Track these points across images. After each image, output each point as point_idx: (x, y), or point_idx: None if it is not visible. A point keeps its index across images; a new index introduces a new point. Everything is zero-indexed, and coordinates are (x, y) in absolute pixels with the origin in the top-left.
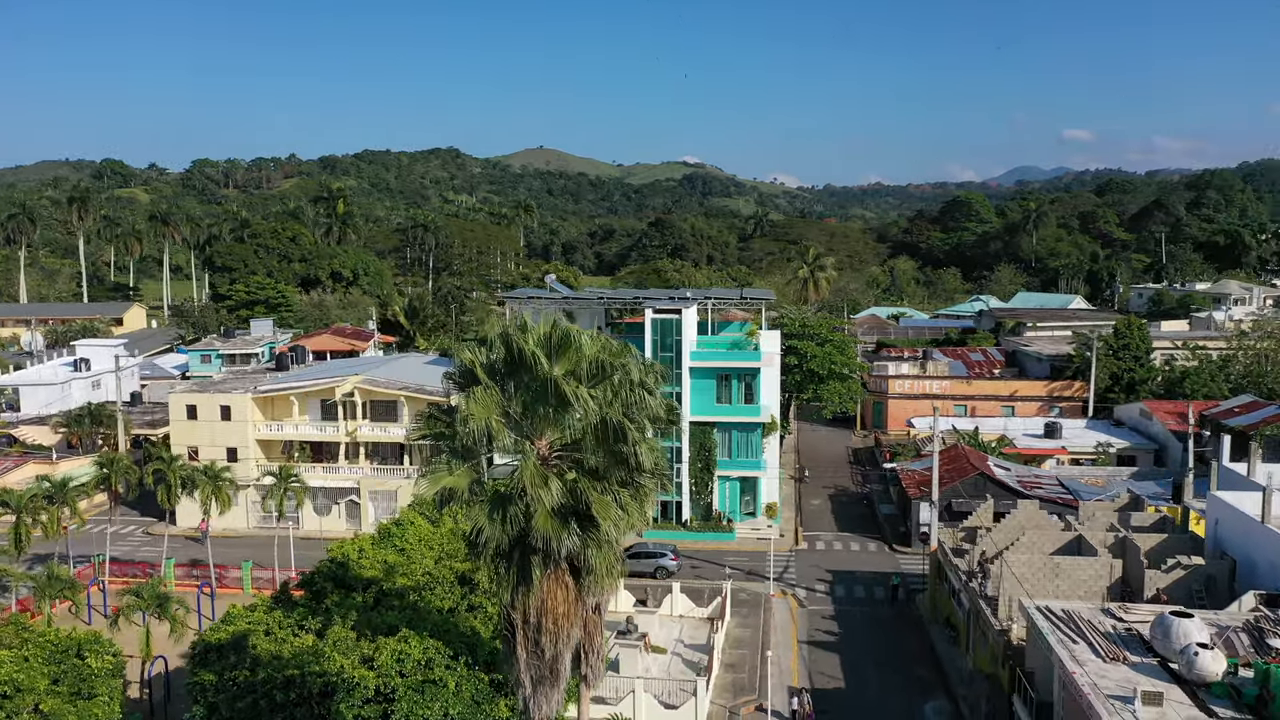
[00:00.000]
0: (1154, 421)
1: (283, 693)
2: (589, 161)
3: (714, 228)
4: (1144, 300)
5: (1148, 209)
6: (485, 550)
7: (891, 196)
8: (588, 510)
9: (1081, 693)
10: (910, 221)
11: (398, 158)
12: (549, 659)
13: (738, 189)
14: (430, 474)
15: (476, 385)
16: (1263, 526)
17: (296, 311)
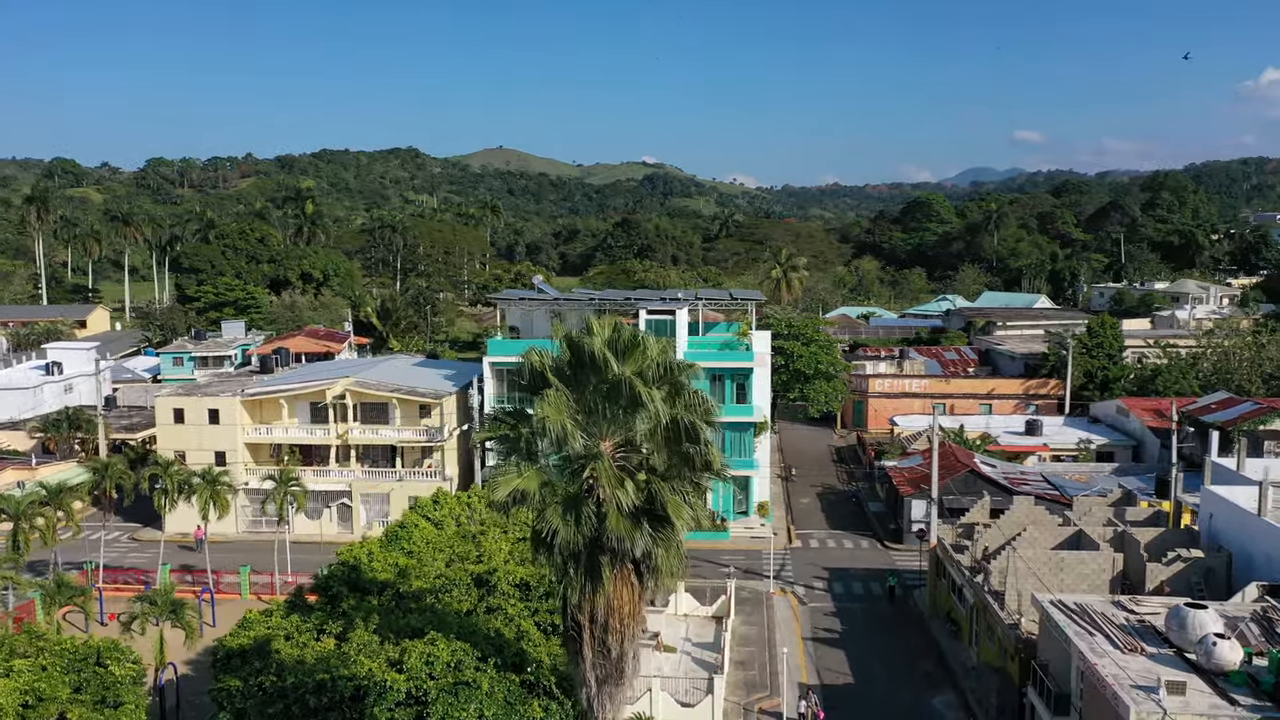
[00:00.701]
0: (1131, 418)
1: (315, 697)
2: (549, 161)
3: (678, 228)
4: (1105, 299)
5: (1104, 209)
6: (557, 552)
7: (849, 197)
8: (659, 510)
9: (1106, 683)
10: (872, 222)
11: (356, 157)
12: (615, 658)
13: (698, 189)
14: (500, 477)
15: (547, 388)
16: (1259, 520)
17: (268, 313)
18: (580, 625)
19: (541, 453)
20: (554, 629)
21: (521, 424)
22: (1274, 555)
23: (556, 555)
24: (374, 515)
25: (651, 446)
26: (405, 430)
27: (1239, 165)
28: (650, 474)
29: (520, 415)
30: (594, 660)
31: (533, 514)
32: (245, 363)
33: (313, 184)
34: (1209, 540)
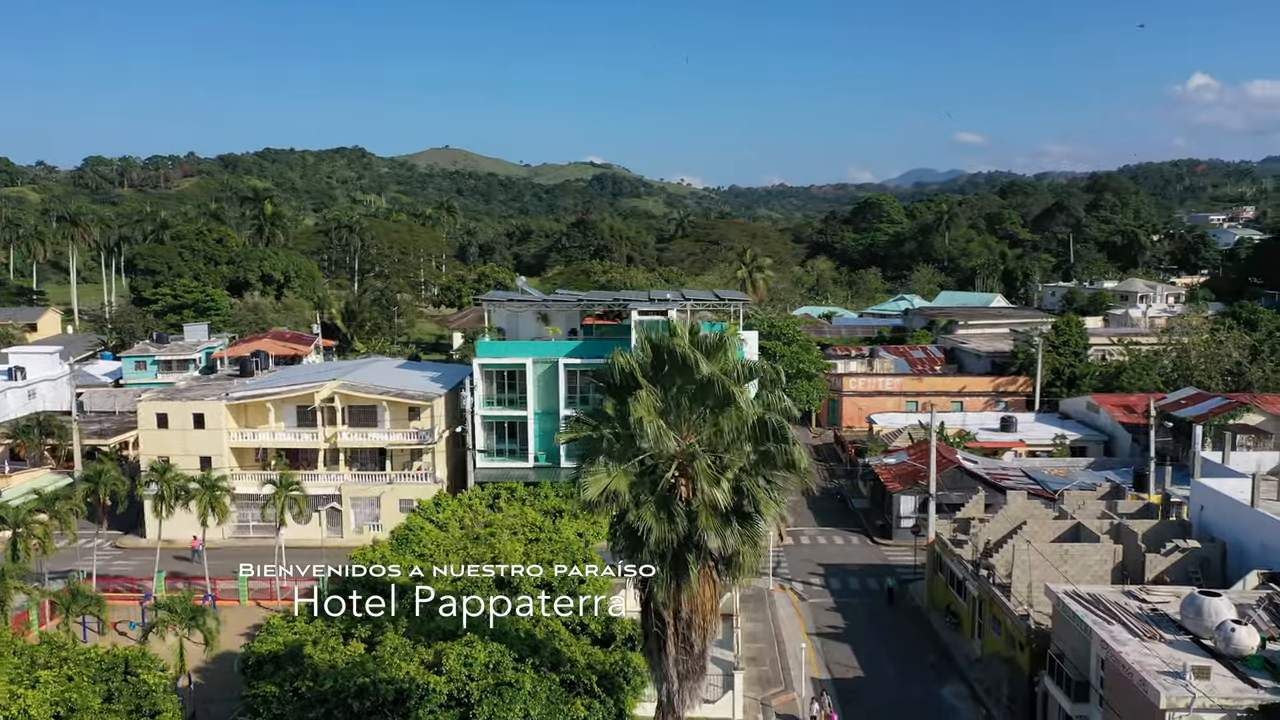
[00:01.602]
0: (1101, 414)
1: (357, 701)
2: (496, 161)
3: (631, 228)
4: (1057, 298)
5: (1049, 210)
6: (646, 550)
7: (795, 197)
8: (744, 508)
9: (1133, 670)
10: (824, 222)
11: (302, 156)
12: (697, 654)
13: (646, 189)
14: (589, 477)
15: (636, 389)
16: (1252, 510)
17: (230, 316)
18: (665, 622)
19: (622, 452)
20: (582, 628)
21: (602, 425)
22: (1268, 544)
23: (645, 554)
24: (364, 519)
25: (737, 445)
26: (395, 433)
27: (1171, 167)
28: (739, 473)
29: (601, 415)
30: (677, 656)
31: (613, 512)
32: (210, 366)
33: (270, 185)
34: (1201, 531)
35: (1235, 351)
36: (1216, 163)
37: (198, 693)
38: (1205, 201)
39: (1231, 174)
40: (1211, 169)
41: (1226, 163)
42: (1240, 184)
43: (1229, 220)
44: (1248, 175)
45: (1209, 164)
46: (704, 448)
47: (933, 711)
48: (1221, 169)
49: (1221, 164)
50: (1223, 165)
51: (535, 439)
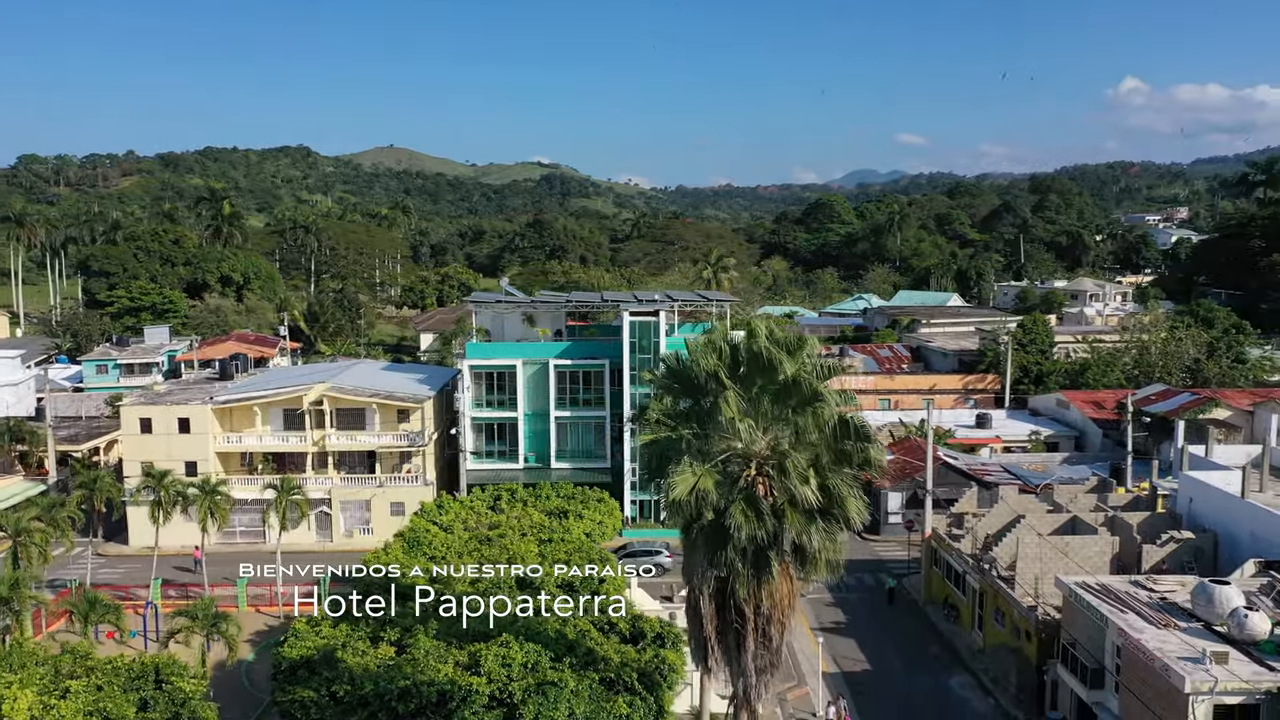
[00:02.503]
0: (1072, 410)
1: (401, 704)
2: (442, 161)
3: (585, 228)
4: (1009, 298)
5: (997, 211)
6: (731, 547)
7: (741, 198)
8: (830, 505)
9: (1154, 657)
10: (776, 223)
11: (245, 155)
12: (775, 648)
13: (595, 189)
14: (677, 477)
15: (721, 389)
16: (1243, 501)
17: (192, 318)
18: (745, 618)
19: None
20: (610, 627)
21: (682, 425)
22: (1259, 534)
23: (730, 551)
24: (354, 522)
25: (820, 443)
26: (384, 435)
27: (1106, 169)
28: (825, 471)
29: (680, 416)
30: (756, 650)
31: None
32: (173, 369)
33: (192, 183)
34: (1191, 522)
35: (1193, 348)
36: (1149, 165)
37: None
38: (1141, 202)
39: (1165, 176)
40: (1145, 171)
41: (1158, 165)
42: (1173, 185)
43: (1164, 221)
44: (1180, 177)
45: (1142, 166)
46: (791, 446)
47: (942, 702)
48: (1154, 171)
49: (1153, 166)
50: (1155, 167)
51: (525, 440)
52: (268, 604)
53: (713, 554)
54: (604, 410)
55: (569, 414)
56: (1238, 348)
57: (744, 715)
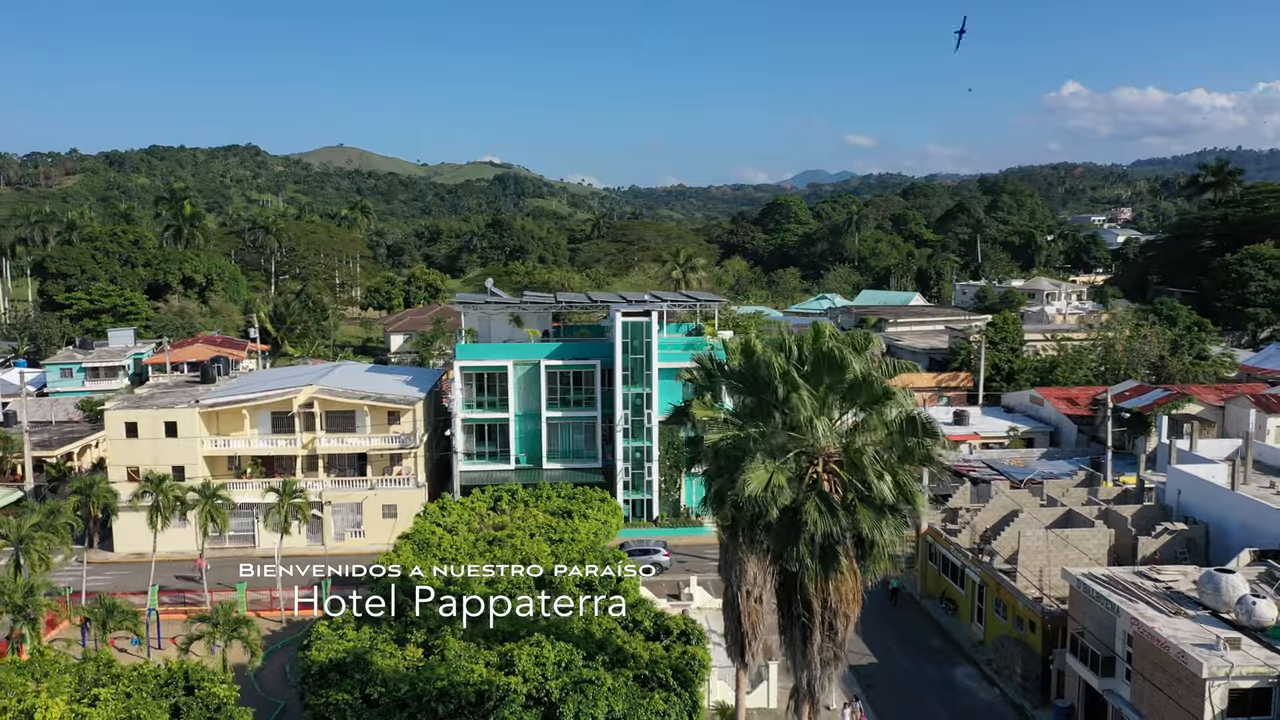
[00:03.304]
0: (1047, 406)
1: (441, 704)
2: (393, 160)
3: (544, 228)
4: (968, 297)
5: (951, 212)
6: (802, 542)
7: (694, 198)
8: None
9: (1169, 644)
10: (734, 223)
11: (193, 154)
12: (840, 641)
13: (549, 189)
14: (751, 474)
15: (791, 388)
16: (1233, 493)
17: (156, 320)
18: (813, 611)
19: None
20: (634, 625)
21: (749, 423)
22: (1250, 524)
23: (801, 546)
24: (345, 525)
25: (886, 439)
26: (375, 437)
27: (1051, 170)
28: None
29: (746, 414)
30: (822, 643)
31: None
32: (140, 373)
33: (137, 182)
34: (1179, 514)
35: (1158, 346)
36: (1091, 166)
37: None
38: (1085, 203)
39: (1108, 177)
40: (1088, 172)
41: (1100, 166)
42: (1115, 186)
43: (1109, 221)
44: (1122, 178)
45: (1085, 167)
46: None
47: (950, 693)
48: (1097, 172)
49: (1096, 167)
50: (1098, 169)
51: (516, 441)
52: (267, 609)
53: (782, 549)
54: (595, 410)
55: (560, 414)
56: (1200, 345)
57: (805, 707)
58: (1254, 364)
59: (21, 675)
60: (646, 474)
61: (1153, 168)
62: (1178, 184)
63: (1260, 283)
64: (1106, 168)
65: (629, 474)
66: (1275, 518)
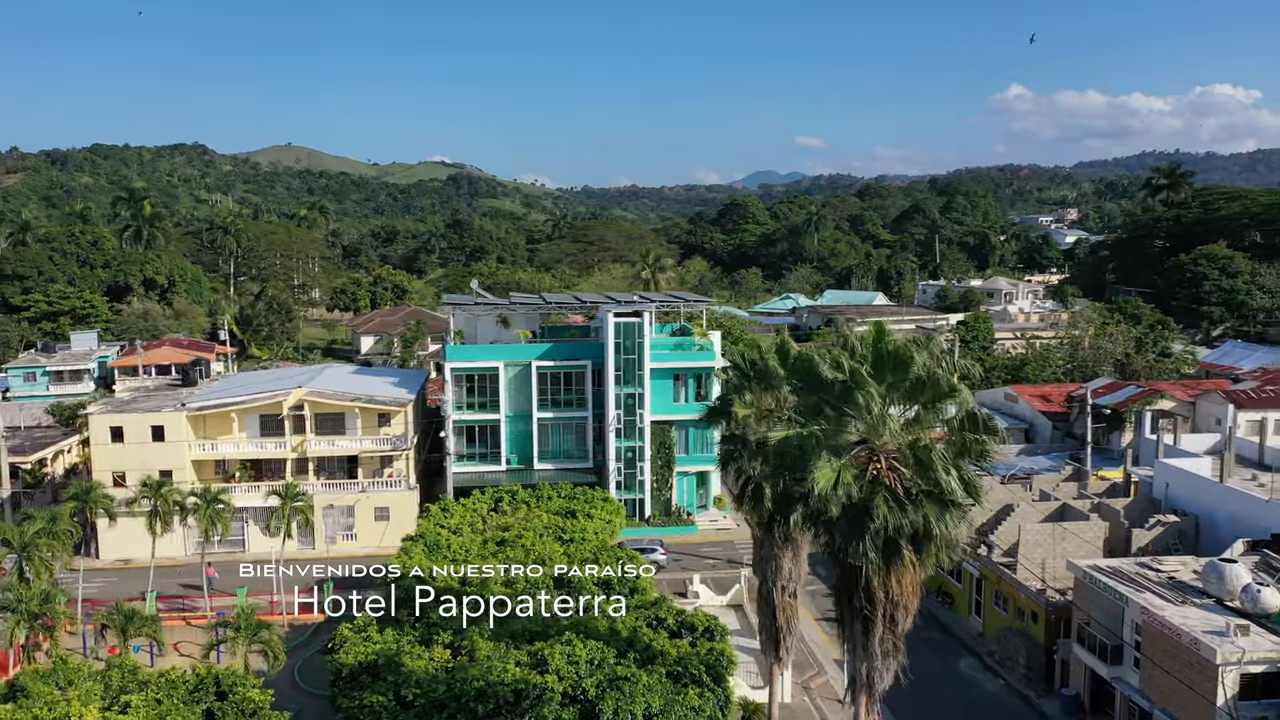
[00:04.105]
0: (1021, 403)
1: (481, 704)
2: (343, 160)
3: (502, 229)
4: (929, 296)
5: (907, 212)
6: (870, 535)
7: (647, 198)
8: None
9: (1181, 632)
10: (692, 223)
11: (138, 153)
12: (900, 631)
13: (502, 189)
14: (818, 470)
15: (857, 386)
16: (1222, 486)
17: (120, 323)
18: (875, 603)
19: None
20: (658, 622)
21: (812, 420)
22: (1238, 516)
23: (867, 540)
24: (337, 528)
25: (948, 436)
26: (366, 439)
27: (998, 172)
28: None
29: (810, 411)
30: (883, 634)
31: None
32: (104, 376)
33: (82, 181)
34: (1167, 507)
35: (1123, 343)
36: (1036, 168)
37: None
38: (1033, 204)
39: (1054, 179)
40: (1034, 174)
41: (1044, 168)
42: (1061, 188)
43: (1056, 222)
44: (1067, 180)
45: (1030, 169)
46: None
47: (955, 684)
48: (1043, 174)
49: (1040, 169)
50: (1042, 170)
51: (507, 442)
52: (266, 613)
53: (847, 544)
54: (586, 411)
55: (551, 415)
56: (1163, 343)
57: (863, 697)
58: (1212, 360)
59: (47, 684)
60: (639, 473)
61: (1094, 169)
62: (1121, 185)
63: (1214, 282)
64: (1051, 169)
65: (621, 474)
66: (1264, 509)
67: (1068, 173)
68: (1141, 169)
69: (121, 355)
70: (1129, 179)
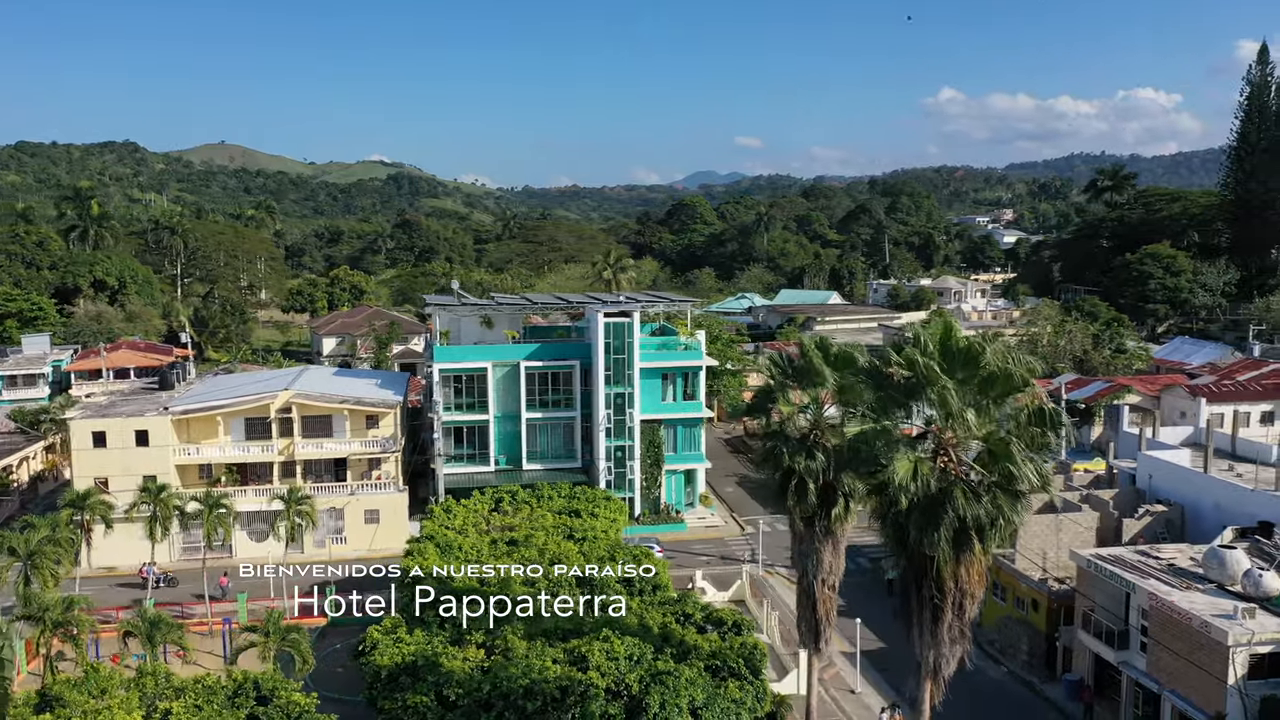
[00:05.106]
0: None
1: (530, 701)
2: (279, 159)
3: (449, 229)
4: (881, 295)
5: (853, 213)
6: (945, 525)
7: (589, 198)
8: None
9: (1191, 616)
10: (640, 223)
11: (67, 151)
12: (966, 619)
13: (443, 189)
14: (897, 463)
15: (928, 383)
16: (1206, 476)
17: (72, 325)
18: (945, 593)
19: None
20: (685, 618)
21: (883, 416)
22: (1223, 504)
23: (944, 529)
24: (326, 532)
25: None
26: (354, 442)
27: (934, 173)
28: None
29: (882, 407)
30: (951, 621)
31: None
32: (59, 380)
33: (5, 180)
34: (1152, 497)
35: (1082, 340)
36: (969, 169)
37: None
38: (969, 205)
39: (988, 180)
40: (968, 175)
41: (977, 169)
42: (995, 189)
43: (993, 222)
44: (1001, 181)
45: (964, 170)
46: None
47: (960, 672)
48: (977, 175)
49: (973, 170)
50: (976, 172)
51: (496, 442)
52: None
53: (921, 535)
54: (574, 411)
55: (540, 415)
56: (1118, 339)
57: (928, 684)
58: (1162, 356)
59: (81, 693)
60: (629, 472)
61: (1025, 170)
62: (1054, 186)
63: (1159, 280)
64: (984, 170)
65: (611, 473)
66: (1248, 498)
67: (1001, 174)
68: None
69: (77, 359)
70: (1061, 180)
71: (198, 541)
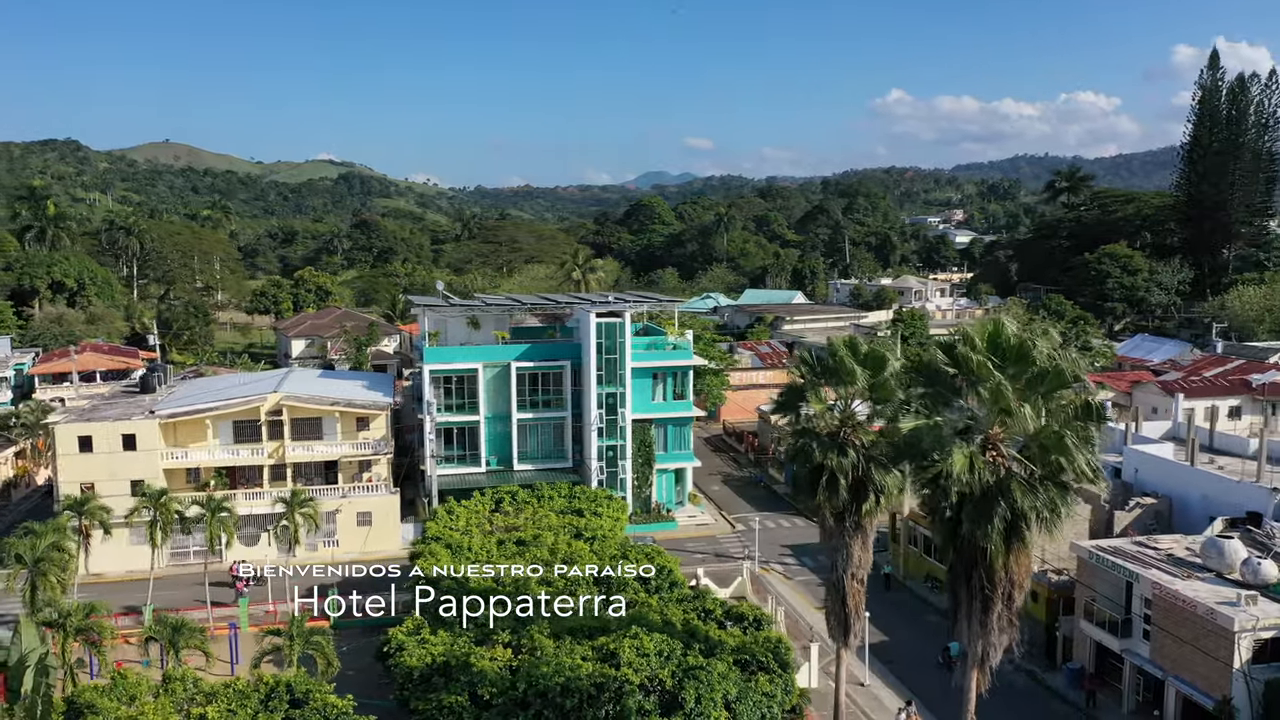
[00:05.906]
0: None
1: (567, 699)
2: (225, 157)
3: (406, 229)
4: (844, 294)
5: (811, 213)
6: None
7: (542, 198)
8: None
9: (1196, 603)
10: (598, 223)
11: (6, 148)
12: (1015, 609)
13: (395, 189)
14: (953, 456)
15: (980, 380)
16: (1193, 469)
17: (30, 329)
18: (996, 583)
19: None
20: (706, 614)
21: (934, 411)
22: (1210, 496)
23: (995, 521)
24: (318, 534)
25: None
26: (345, 444)
27: (884, 174)
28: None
29: (933, 403)
30: (1001, 611)
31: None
32: (21, 385)
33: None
34: (1139, 490)
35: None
36: (918, 170)
37: None
38: (920, 205)
39: (937, 180)
40: (917, 176)
41: (925, 170)
42: (945, 190)
43: (944, 222)
44: (950, 182)
45: (913, 171)
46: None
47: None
48: (926, 176)
49: (922, 171)
50: (924, 173)
51: (487, 443)
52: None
53: (975, 528)
54: (565, 411)
55: (530, 416)
56: (1084, 337)
57: (975, 673)
58: (1124, 353)
59: (111, 699)
60: (620, 472)
61: (971, 171)
62: (1002, 187)
63: (1116, 279)
64: (932, 171)
65: (603, 472)
66: (1235, 489)
67: (950, 175)
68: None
69: (40, 362)
70: (1009, 181)
71: (187, 547)
